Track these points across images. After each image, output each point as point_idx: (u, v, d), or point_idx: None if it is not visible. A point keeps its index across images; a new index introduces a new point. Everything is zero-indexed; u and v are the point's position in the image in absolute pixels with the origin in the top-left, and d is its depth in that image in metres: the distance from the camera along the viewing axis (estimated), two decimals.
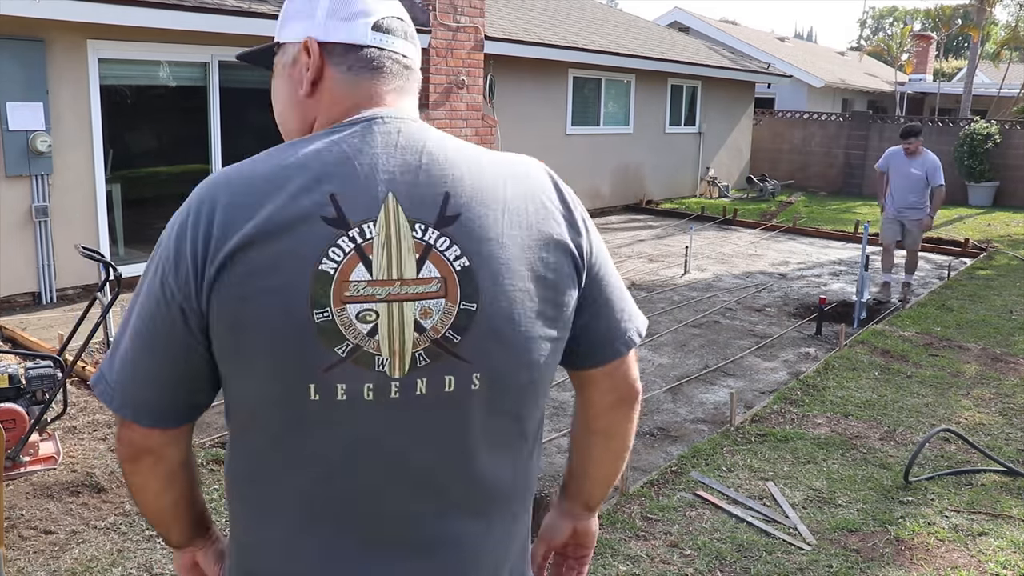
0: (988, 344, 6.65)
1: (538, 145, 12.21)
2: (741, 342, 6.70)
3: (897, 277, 8.57)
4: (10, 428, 3.80)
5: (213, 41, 7.86)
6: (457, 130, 10.08)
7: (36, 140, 6.73)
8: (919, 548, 3.54)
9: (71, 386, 5.15)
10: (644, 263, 9.84)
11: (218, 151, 8.23)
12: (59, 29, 6.83)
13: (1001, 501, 3.97)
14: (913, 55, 28.42)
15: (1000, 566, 3.42)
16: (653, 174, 15.13)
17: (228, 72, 8.21)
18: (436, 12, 9.55)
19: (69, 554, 3.30)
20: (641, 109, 14.48)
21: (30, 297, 7.01)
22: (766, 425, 4.83)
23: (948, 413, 5.11)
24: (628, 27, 15.90)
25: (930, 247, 11.46)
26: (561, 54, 11.72)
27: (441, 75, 9.77)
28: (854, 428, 4.83)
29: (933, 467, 4.32)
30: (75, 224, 7.20)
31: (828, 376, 5.72)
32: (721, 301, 8.04)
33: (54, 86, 6.91)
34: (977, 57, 22.32)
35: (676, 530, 3.62)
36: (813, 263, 10.20)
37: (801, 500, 3.93)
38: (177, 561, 1.42)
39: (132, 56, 7.48)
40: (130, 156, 7.94)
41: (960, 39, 45.00)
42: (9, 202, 6.78)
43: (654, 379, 5.75)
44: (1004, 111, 21.82)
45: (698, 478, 4.11)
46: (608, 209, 13.99)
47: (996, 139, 16.45)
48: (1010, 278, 9.36)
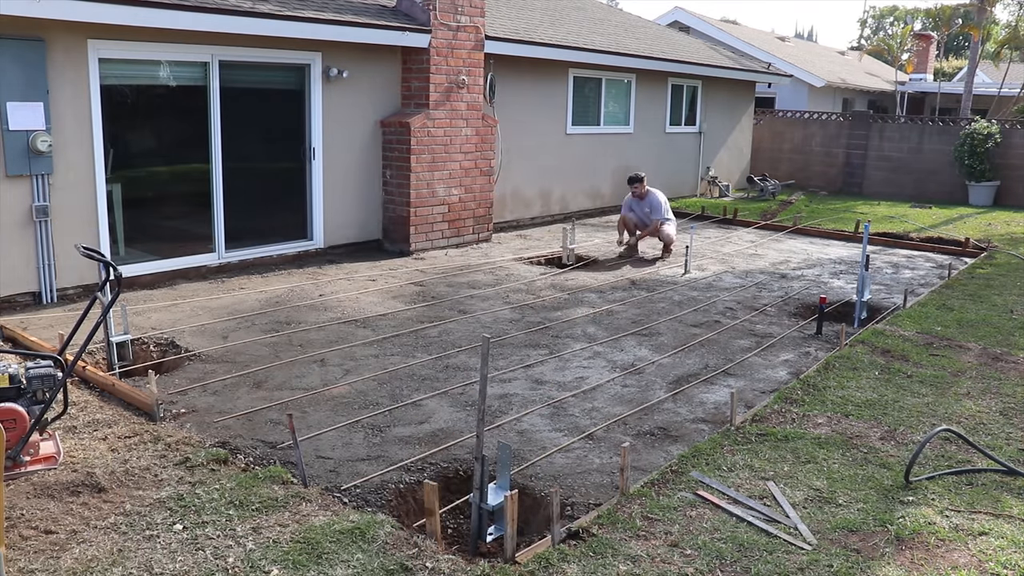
0: (988, 343, 6.64)
1: (538, 145, 12.21)
2: (741, 342, 6.69)
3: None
4: (10, 428, 3.80)
5: (214, 41, 7.86)
6: (457, 130, 10.08)
7: (36, 140, 6.74)
8: (919, 548, 3.54)
9: (71, 386, 5.15)
10: (644, 262, 9.83)
11: (218, 151, 8.22)
12: (59, 29, 6.83)
13: (1001, 501, 3.97)
14: (913, 55, 28.42)
15: (1001, 565, 3.42)
16: (653, 174, 15.09)
17: (229, 72, 8.22)
18: (437, 12, 9.55)
19: (69, 554, 3.30)
20: (641, 109, 14.48)
21: (30, 297, 7.01)
22: (766, 425, 4.82)
23: (948, 413, 5.11)
24: (628, 27, 15.89)
25: (931, 247, 11.47)
26: (561, 53, 11.71)
27: (441, 75, 9.77)
28: (855, 428, 4.83)
29: (933, 467, 4.32)
30: (75, 224, 7.20)
31: (829, 376, 5.72)
32: (722, 301, 8.03)
33: (54, 86, 6.91)
34: (977, 57, 22.31)
35: (677, 530, 3.62)
36: (814, 262, 10.20)
37: (801, 500, 3.93)
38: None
39: (133, 56, 7.48)
40: (130, 156, 7.94)
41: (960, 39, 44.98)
42: (9, 202, 6.79)
43: (654, 379, 5.75)
44: (1004, 111, 21.81)
45: (699, 478, 4.11)
46: (608, 209, 13.99)
47: (996, 139, 16.45)
48: (1010, 277, 9.36)
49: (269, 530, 3.50)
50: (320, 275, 8.46)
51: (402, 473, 4.21)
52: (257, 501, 3.72)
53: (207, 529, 3.49)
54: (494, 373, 5.71)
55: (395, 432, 4.71)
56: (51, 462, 4.01)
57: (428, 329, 6.71)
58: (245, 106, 8.55)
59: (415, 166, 9.60)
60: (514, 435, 4.71)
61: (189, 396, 5.13)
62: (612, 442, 4.63)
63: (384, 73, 9.68)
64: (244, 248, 8.66)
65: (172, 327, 6.43)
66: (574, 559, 3.34)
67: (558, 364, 5.99)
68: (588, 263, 9.82)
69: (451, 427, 4.79)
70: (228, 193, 8.39)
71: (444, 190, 10.03)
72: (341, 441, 4.57)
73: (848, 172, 18.54)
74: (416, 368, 5.79)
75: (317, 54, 8.87)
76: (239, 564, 3.24)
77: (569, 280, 8.74)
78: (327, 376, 5.57)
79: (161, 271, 7.88)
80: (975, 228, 13.37)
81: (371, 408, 5.04)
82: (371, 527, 3.50)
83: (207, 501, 3.72)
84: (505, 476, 3.58)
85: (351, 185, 9.55)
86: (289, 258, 9.05)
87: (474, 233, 10.55)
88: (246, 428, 4.67)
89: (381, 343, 6.31)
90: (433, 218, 9.98)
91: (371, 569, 3.22)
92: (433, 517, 3.43)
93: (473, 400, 5.18)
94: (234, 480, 3.92)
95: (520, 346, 6.38)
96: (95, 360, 5.73)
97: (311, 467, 4.16)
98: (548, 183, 12.50)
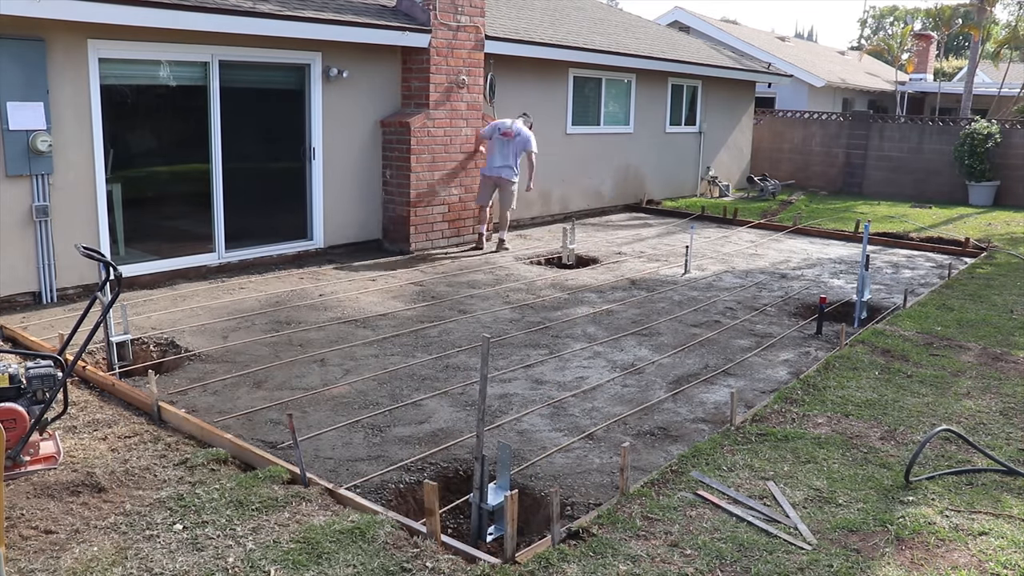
0: (988, 343, 6.64)
1: (539, 144, 12.19)
2: (742, 341, 6.69)
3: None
4: (10, 428, 3.80)
5: (214, 41, 7.86)
6: (457, 129, 10.08)
7: (37, 140, 6.74)
8: (919, 548, 3.54)
9: (71, 386, 5.15)
10: (645, 262, 9.84)
11: (218, 151, 8.22)
12: (59, 29, 6.83)
13: (1001, 500, 3.97)
14: (914, 54, 28.42)
15: (1001, 565, 3.42)
16: (654, 174, 15.13)
17: (229, 72, 8.21)
18: (437, 11, 9.55)
19: (69, 554, 3.30)
20: (642, 109, 14.47)
21: (30, 297, 7.01)
22: (767, 425, 4.82)
23: (948, 412, 5.11)
24: (628, 26, 15.89)
25: (931, 246, 11.47)
26: (562, 53, 11.71)
27: (441, 74, 9.77)
28: (855, 428, 4.83)
29: (933, 467, 4.32)
30: (75, 224, 7.19)
31: (829, 376, 5.72)
32: (722, 300, 8.03)
33: (55, 86, 6.91)
34: (977, 56, 22.31)
35: (676, 530, 3.62)
36: (814, 262, 10.19)
37: (801, 500, 3.93)
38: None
39: (133, 55, 7.48)
40: (130, 156, 7.94)
41: (960, 39, 44.98)
42: (9, 202, 6.78)
43: (654, 379, 5.75)
44: (1004, 110, 21.81)
45: (699, 478, 4.11)
46: (609, 208, 13.99)
47: (996, 139, 16.45)
48: (1010, 277, 9.36)
49: (269, 530, 3.50)
50: (320, 275, 8.46)
51: (402, 473, 4.21)
52: (257, 501, 3.72)
53: (207, 529, 3.49)
54: (494, 373, 5.71)
55: (395, 432, 4.71)
56: (51, 462, 4.01)
57: (428, 329, 6.71)
58: (245, 106, 8.54)
59: (415, 166, 9.60)
60: (514, 435, 4.71)
61: (189, 396, 5.13)
62: (612, 442, 4.63)
63: (384, 73, 9.68)
64: (244, 248, 8.66)
65: (172, 327, 6.43)
66: (574, 559, 3.34)
67: (558, 364, 5.99)
68: (588, 263, 9.82)
69: (451, 427, 4.79)
70: (228, 193, 8.38)
71: (444, 190, 10.03)
72: (341, 441, 4.57)
73: (848, 172, 18.54)
74: (416, 368, 5.79)
75: (317, 54, 8.87)
76: (239, 564, 3.24)
77: (569, 280, 8.74)
78: (327, 376, 5.57)
79: (161, 271, 7.88)
80: (975, 228, 13.37)
81: (371, 408, 5.04)
82: (371, 527, 3.50)
83: (207, 501, 3.72)
84: (505, 476, 3.58)
85: (351, 185, 9.55)
86: (289, 258, 9.05)
87: (474, 233, 10.55)
88: (246, 428, 4.67)
89: (381, 343, 6.31)
90: (433, 218, 9.98)
91: (371, 569, 3.22)
92: (433, 517, 3.43)
93: (473, 400, 5.18)
94: (234, 480, 3.92)
95: (520, 346, 6.38)
96: (95, 360, 5.73)
97: (311, 467, 4.16)
98: (548, 183, 12.49)
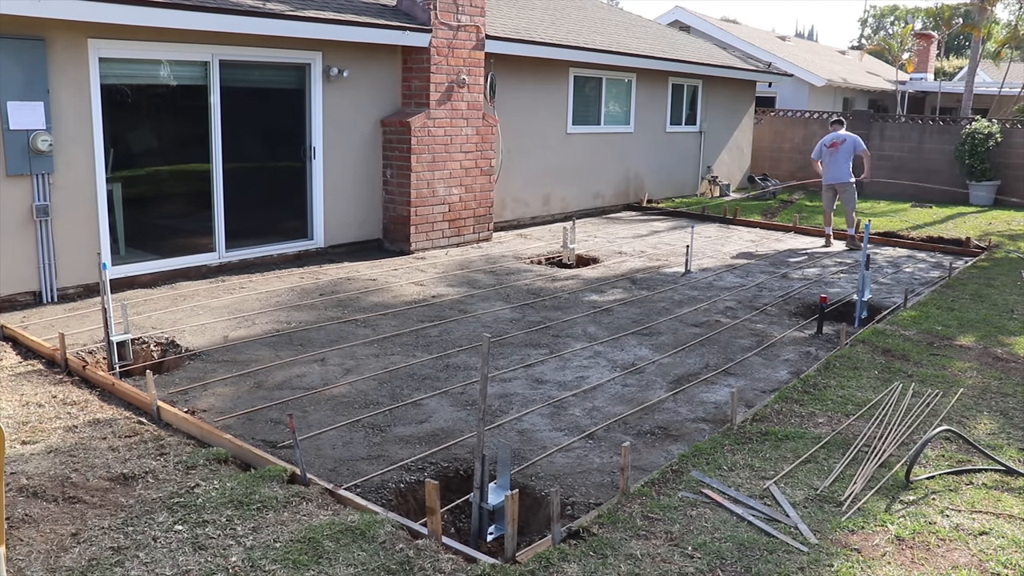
0: (989, 343, 6.64)
1: (539, 144, 12.21)
2: (742, 341, 6.69)
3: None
4: None
5: (214, 40, 7.86)
6: (458, 129, 10.08)
7: (37, 139, 6.74)
8: (920, 547, 3.53)
9: (71, 385, 5.15)
10: (645, 262, 9.83)
11: (219, 150, 8.22)
12: (60, 28, 6.83)
13: (1002, 500, 3.97)
14: (914, 54, 28.40)
15: (1001, 565, 3.42)
16: (654, 173, 15.12)
17: (229, 71, 8.22)
18: (437, 11, 9.55)
19: (69, 554, 3.30)
20: (642, 108, 14.47)
21: (31, 296, 7.01)
22: (767, 424, 4.82)
23: (949, 412, 5.10)
24: (629, 26, 15.89)
25: (931, 246, 11.46)
26: (562, 53, 11.71)
27: (442, 74, 9.77)
28: (855, 427, 4.82)
29: (934, 466, 4.32)
30: (76, 223, 7.19)
31: (829, 375, 5.72)
32: (722, 300, 8.03)
33: (55, 85, 6.91)
34: (978, 56, 22.29)
35: (677, 529, 3.62)
36: (814, 262, 10.19)
37: (802, 499, 3.93)
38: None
39: (133, 55, 7.48)
40: (131, 155, 7.94)
41: (961, 38, 44.95)
42: (10, 201, 6.78)
43: (655, 378, 5.74)
44: (1005, 110, 21.80)
45: (699, 477, 4.11)
46: (609, 208, 13.99)
47: (997, 138, 16.44)
48: (1011, 277, 9.35)
49: (269, 530, 3.49)
50: (320, 274, 8.46)
51: (402, 472, 4.21)
52: (257, 501, 3.72)
53: (207, 529, 3.49)
54: (494, 372, 5.71)
55: (395, 432, 4.71)
56: None
57: (428, 328, 6.71)
58: (245, 105, 8.54)
59: (415, 165, 9.60)
60: (514, 434, 4.71)
61: (189, 396, 5.13)
62: (612, 441, 4.63)
63: (384, 73, 9.68)
64: (244, 247, 8.66)
65: (172, 326, 6.43)
66: (574, 559, 3.34)
67: (558, 363, 5.99)
68: (589, 262, 9.82)
69: (451, 426, 4.79)
70: (228, 192, 8.39)
71: (444, 189, 10.03)
72: (341, 440, 4.57)
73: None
74: (416, 367, 5.79)
75: (317, 53, 8.87)
76: (239, 564, 3.24)
77: (569, 279, 8.74)
78: (327, 375, 5.57)
79: (161, 270, 7.88)
80: (976, 227, 13.37)
81: (371, 407, 5.04)
82: (371, 527, 3.50)
83: (207, 501, 3.71)
84: (505, 475, 3.58)
85: (351, 184, 9.55)
86: (289, 257, 9.05)
87: (474, 232, 10.55)
88: (246, 428, 4.67)
89: (381, 342, 6.31)
90: (433, 217, 9.98)
91: (371, 569, 3.22)
92: (435, 516, 3.43)
93: (473, 399, 5.18)
94: (234, 480, 3.92)
95: (520, 345, 6.38)
96: (95, 360, 5.73)
97: (311, 467, 4.16)
98: (548, 183, 12.49)
